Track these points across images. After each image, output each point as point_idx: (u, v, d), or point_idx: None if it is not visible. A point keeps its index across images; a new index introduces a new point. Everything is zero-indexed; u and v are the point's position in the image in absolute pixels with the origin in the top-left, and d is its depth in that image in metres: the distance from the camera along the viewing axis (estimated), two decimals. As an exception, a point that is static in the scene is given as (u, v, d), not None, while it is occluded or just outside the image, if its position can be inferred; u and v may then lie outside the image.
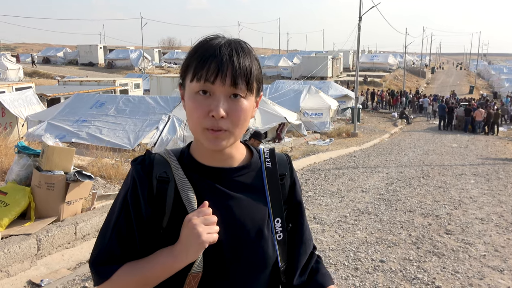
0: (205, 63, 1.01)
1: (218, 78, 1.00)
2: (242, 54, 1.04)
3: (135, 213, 1.06)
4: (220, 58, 1.01)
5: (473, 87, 48.98)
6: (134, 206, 1.06)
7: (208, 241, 0.99)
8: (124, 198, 1.08)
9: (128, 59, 51.24)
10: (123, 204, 1.08)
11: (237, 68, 1.01)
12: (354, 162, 12.46)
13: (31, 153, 4.81)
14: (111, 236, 1.06)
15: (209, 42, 1.05)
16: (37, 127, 12.89)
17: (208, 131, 1.02)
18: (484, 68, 69.77)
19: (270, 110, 16.11)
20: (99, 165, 7.75)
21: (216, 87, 1.01)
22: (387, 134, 21.90)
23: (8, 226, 4.37)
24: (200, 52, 1.04)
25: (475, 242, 5.81)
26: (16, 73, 33.74)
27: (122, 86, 20.63)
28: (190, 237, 0.99)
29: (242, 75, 1.02)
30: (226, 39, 1.07)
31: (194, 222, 0.99)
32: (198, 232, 0.98)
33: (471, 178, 10.42)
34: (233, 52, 1.03)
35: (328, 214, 7.02)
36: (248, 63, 1.04)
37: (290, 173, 1.23)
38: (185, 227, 1.01)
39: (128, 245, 1.06)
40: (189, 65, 1.05)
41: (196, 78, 1.02)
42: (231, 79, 1.01)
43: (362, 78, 42.02)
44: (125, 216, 1.06)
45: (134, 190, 1.08)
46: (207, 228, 0.99)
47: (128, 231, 1.06)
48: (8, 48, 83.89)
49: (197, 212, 1.02)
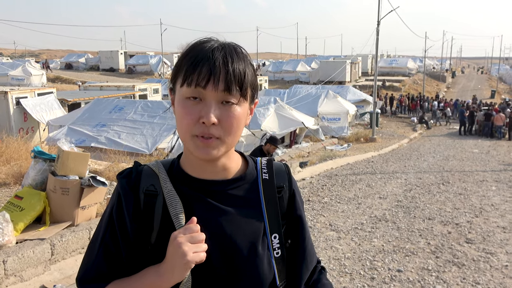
0: (197, 66, 0.96)
1: (210, 83, 0.95)
2: (236, 59, 0.98)
3: (121, 229, 1.02)
4: (213, 61, 0.95)
5: (494, 92, 47.97)
6: (119, 222, 1.02)
7: (194, 260, 0.93)
8: (109, 214, 1.05)
9: (148, 64, 51.91)
10: (109, 221, 1.04)
11: (230, 73, 0.96)
12: (372, 168, 12.29)
13: (46, 158, 4.86)
14: (97, 253, 1.02)
15: (201, 45, 1.00)
16: (58, 132, 13.11)
17: (198, 139, 0.97)
18: (506, 72, 68.30)
19: (288, 115, 16.05)
20: (115, 170, 7.81)
21: (207, 92, 0.95)
22: (406, 139, 21.58)
23: (23, 231, 4.41)
24: (191, 55, 0.99)
25: (497, 252, 5.63)
26: (40, 78, 34.46)
27: (141, 91, 20.83)
28: (175, 256, 0.93)
29: (236, 80, 0.96)
30: (220, 42, 1.01)
31: (180, 240, 0.93)
32: (183, 251, 0.92)
33: (493, 184, 10.15)
34: (227, 56, 0.97)
35: (344, 221, 6.91)
36: (242, 68, 0.98)
37: (289, 185, 1.15)
38: (170, 245, 0.95)
39: (115, 263, 1.02)
40: (179, 68, 1.00)
41: (187, 83, 0.96)
42: (224, 84, 0.95)
43: (381, 82, 41.59)
44: (110, 233, 1.03)
45: (119, 206, 1.03)
46: (193, 247, 0.93)
47: (115, 248, 1.02)
48: (32, 55, 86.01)
49: (183, 229, 0.95)
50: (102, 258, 1.02)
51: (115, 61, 54.11)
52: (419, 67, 57.93)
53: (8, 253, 3.92)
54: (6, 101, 13.80)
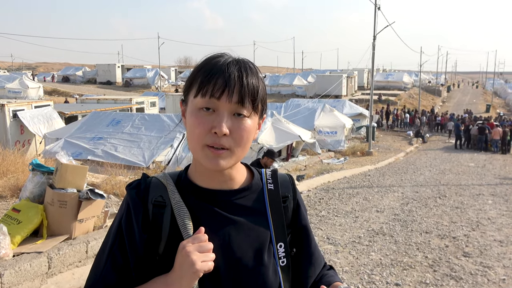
0: (212, 78, 0.99)
1: (225, 94, 0.98)
2: (250, 73, 1.02)
3: (129, 240, 1.03)
4: (228, 74, 0.99)
5: (489, 106, 48.36)
6: (128, 233, 1.04)
7: (203, 269, 0.95)
8: (118, 225, 1.06)
9: (145, 77, 52.08)
10: (118, 231, 1.05)
11: (245, 86, 0.99)
12: (369, 181, 12.31)
13: (45, 171, 4.85)
14: (105, 264, 1.03)
15: (216, 59, 1.03)
16: (54, 145, 13.09)
17: (209, 149, 0.99)
18: (501, 87, 68.93)
19: (284, 128, 16.09)
20: (113, 183, 7.80)
21: (221, 103, 0.98)
22: (403, 153, 21.65)
23: (20, 244, 4.38)
24: (206, 68, 1.02)
25: (494, 266, 5.63)
26: (36, 91, 34.50)
27: (138, 104, 20.87)
28: (183, 265, 0.95)
29: (249, 94, 1.00)
30: (233, 58, 1.04)
31: (188, 249, 0.95)
32: (192, 260, 0.94)
33: (489, 198, 10.19)
34: (242, 70, 1.01)
35: (341, 234, 6.90)
36: (256, 83, 1.02)
37: (294, 195, 1.18)
38: (179, 254, 0.97)
39: (123, 274, 1.03)
40: (193, 80, 1.03)
41: (201, 93, 0.99)
42: (238, 96, 0.98)
43: (377, 96, 41.83)
44: (119, 244, 1.04)
45: (128, 216, 1.05)
46: (201, 256, 0.95)
47: (123, 259, 1.03)
48: (30, 68, 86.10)
49: (192, 238, 0.97)
50: (111, 269, 1.02)
51: (112, 74, 54.27)
52: (414, 81, 58.33)
53: (5, 267, 3.89)
54: (3, 114, 13.81)
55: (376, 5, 21.05)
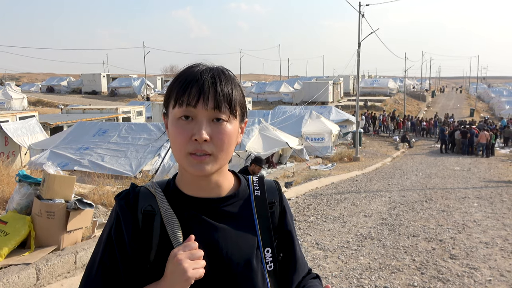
0: (187, 87, 1.01)
1: (200, 102, 1.00)
2: (224, 79, 1.04)
3: (120, 250, 1.04)
4: (202, 82, 1.01)
5: (473, 110, 49.11)
6: (118, 242, 1.05)
7: (194, 277, 0.97)
8: (108, 235, 1.07)
9: (130, 87, 51.74)
10: (107, 241, 1.07)
11: (219, 92, 1.02)
12: (356, 187, 12.41)
13: (32, 182, 4.82)
14: (96, 274, 1.04)
15: (190, 69, 1.06)
16: (40, 156, 12.94)
17: (192, 156, 1.01)
18: (484, 91, 70.04)
19: (272, 135, 16.16)
20: (100, 193, 7.75)
21: (198, 111, 1.01)
22: (389, 158, 21.86)
23: (8, 256, 4.34)
24: (181, 79, 1.05)
25: (480, 267, 5.73)
26: (20, 102, 34.13)
27: (124, 113, 20.78)
28: (175, 273, 0.96)
29: (224, 99, 1.02)
30: (208, 66, 1.07)
31: (180, 257, 0.96)
32: (183, 268, 0.95)
33: (475, 201, 10.34)
34: (215, 77, 1.03)
35: (330, 239, 6.95)
36: (230, 87, 1.05)
37: (280, 201, 1.21)
38: (170, 262, 0.98)
39: (114, 283, 1.04)
40: (171, 92, 1.05)
41: (178, 103, 1.02)
42: (214, 101, 1.01)
43: (363, 102, 42.24)
44: (109, 254, 1.05)
45: (118, 226, 1.06)
46: (193, 263, 0.97)
47: (113, 268, 1.04)
48: (13, 78, 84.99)
49: (182, 246, 0.99)
50: (101, 279, 1.04)
51: (97, 83, 53.85)
52: (399, 87, 59.04)
53: (-8, 279, 3.85)
54: (-13, 125, 13.62)
55: (360, 13, 21.35)
